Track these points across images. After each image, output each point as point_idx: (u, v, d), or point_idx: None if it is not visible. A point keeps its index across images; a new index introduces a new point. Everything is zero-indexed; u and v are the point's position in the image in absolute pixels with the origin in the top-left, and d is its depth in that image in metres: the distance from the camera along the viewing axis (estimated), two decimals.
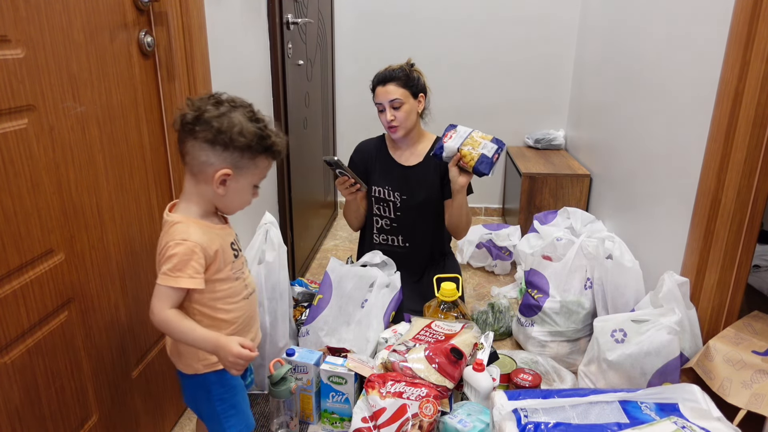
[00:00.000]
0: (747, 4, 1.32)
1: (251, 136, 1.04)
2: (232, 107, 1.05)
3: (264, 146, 1.07)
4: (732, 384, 1.33)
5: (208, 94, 1.07)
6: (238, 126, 1.03)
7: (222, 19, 1.54)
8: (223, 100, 1.06)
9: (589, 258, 1.87)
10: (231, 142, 1.02)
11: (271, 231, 1.68)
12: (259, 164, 1.09)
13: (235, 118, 1.03)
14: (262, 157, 1.08)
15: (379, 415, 1.27)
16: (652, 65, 1.93)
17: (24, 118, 0.92)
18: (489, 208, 3.37)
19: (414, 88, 1.83)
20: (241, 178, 1.07)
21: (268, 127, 1.09)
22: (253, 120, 1.06)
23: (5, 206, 0.89)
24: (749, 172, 1.39)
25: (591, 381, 1.58)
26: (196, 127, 1.02)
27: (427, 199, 1.91)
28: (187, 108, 1.04)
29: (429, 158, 1.89)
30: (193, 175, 1.06)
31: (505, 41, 3.03)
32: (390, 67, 1.84)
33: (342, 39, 3.11)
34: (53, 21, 0.97)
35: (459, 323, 1.59)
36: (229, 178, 1.05)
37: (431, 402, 1.28)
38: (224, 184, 1.05)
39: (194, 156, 1.04)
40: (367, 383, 1.34)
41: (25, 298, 0.95)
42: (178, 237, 1.02)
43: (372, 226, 2.00)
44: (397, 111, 1.81)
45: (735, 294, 1.50)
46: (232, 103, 1.06)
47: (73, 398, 1.09)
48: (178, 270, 1.00)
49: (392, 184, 1.93)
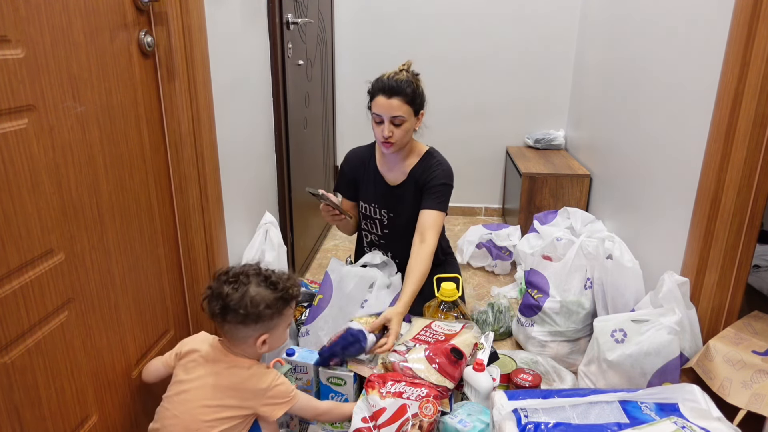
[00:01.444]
0: (747, 4, 1.32)
1: (274, 302, 1.20)
2: (245, 282, 1.19)
3: (286, 301, 1.23)
4: (732, 384, 1.33)
5: (219, 273, 1.23)
6: (262, 302, 1.18)
7: (222, 19, 1.54)
8: (236, 277, 1.20)
9: (589, 258, 1.87)
10: (260, 317, 1.19)
11: (270, 231, 1.68)
12: (285, 313, 1.25)
13: (255, 294, 1.18)
14: (286, 308, 1.25)
15: (379, 415, 1.27)
16: (652, 65, 1.93)
17: (24, 118, 0.92)
18: (489, 208, 3.37)
19: (418, 106, 1.72)
20: (276, 331, 1.25)
21: (281, 283, 1.22)
22: (269, 285, 1.21)
23: (5, 206, 0.89)
24: (749, 172, 1.39)
25: (591, 381, 1.58)
26: (226, 316, 1.18)
27: (411, 218, 1.82)
28: (209, 295, 1.20)
29: (412, 175, 1.82)
30: (235, 344, 1.23)
31: (505, 41, 3.03)
32: (397, 76, 1.68)
33: (342, 39, 3.11)
34: (53, 21, 0.97)
35: (459, 323, 1.60)
36: (268, 337, 1.22)
37: (431, 402, 1.28)
38: (265, 342, 1.22)
39: (233, 334, 1.21)
40: (367, 383, 1.34)
41: (25, 298, 0.95)
42: (263, 376, 1.22)
43: (362, 239, 1.99)
44: (397, 128, 1.69)
45: (735, 294, 1.50)
46: (244, 276, 1.20)
47: (73, 398, 1.09)
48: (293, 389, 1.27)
49: (378, 202, 1.88)
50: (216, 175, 1.51)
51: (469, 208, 3.37)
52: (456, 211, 3.35)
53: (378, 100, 1.69)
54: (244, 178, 1.77)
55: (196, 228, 1.48)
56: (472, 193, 3.32)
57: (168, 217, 1.42)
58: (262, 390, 1.21)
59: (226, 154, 1.58)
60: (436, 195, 1.78)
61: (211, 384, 1.19)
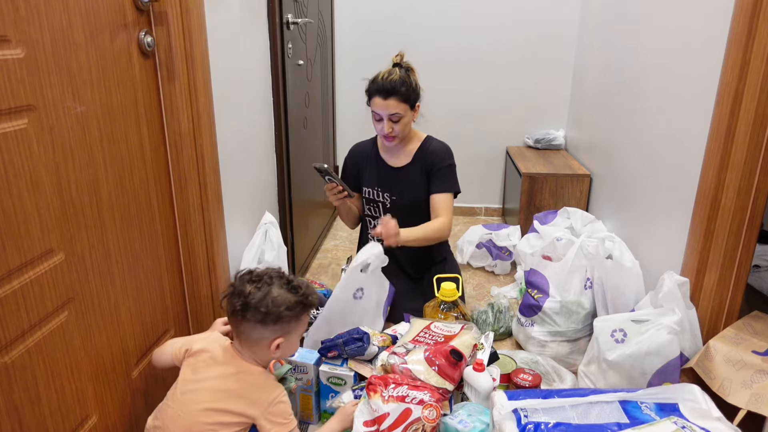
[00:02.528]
0: (747, 4, 1.32)
1: (294, 305, 1.20)
2: (269, 283, 1.20)
3: (305, 307, 1.24)
4: (732, 384, 1.33)
5: (241, 273, 1.24)
6: (284, 303, 1.18)
7: (222, 19, 1.54)
8: (260, 277, 1.21)
9: (589, 258, 1.87)
10: (280, 318, 1.19)
11: (270, 231, 1.68)
12: (302, 319, 1.25)
13: (277, 295, 1.19)
14: (304, 314, 1.25)
15: (383, 420, 1.26)
16: (652, 65, 1.93)
17: (24, 118, 0.92)
18: (489, 208, 3.37)
19: (414, 100, 1.82)
20: (291, 337, 1.24)
21: (302, 288, 1.23)
22: (291, 288, 1.21)
23: (5, 206, 0.89)
24: (749, 172, 1.39)
25: (591, 381, 1.58)
26: (246, 314, 1.17)
27: (415, 200, 1.92)
28: (231, 292, 1.20)
29: (417, 158, 1.91)
30: (249, 346, 1.22)
31: (505, 41, 3.03)
32: (391, 77, 1.77)
33: (342, 39, 3.11)
34: (53, 21, 0.97)
35: (458, 324, 1.59)
36: (282, 341, 1.21)
37: (434, 406, 1.27)
38: (279, 347, 1.21)
39: (249, 334, 1.20)
40: (369, 386, 1.33)
41: (25, 298, 0.95)
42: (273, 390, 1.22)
43: (366, 226, 2.01)
44: (396, 124, 1.80)
45: (735, 294, 1.50)
46: (268, 278, 1.21)
47: (73, 398, 1.09)
48: (290, 414, 1.24)
49: (381, 185, 1.94)
50: (216, 175, 1.51)
51: (469, 208, 3.37)
52: (456, 211, 3.34)
53: (375, 101, 1.80)
54: (244, 178, 1.77)
55: (196, 228, 1.48)
56: (472, 193, 3.32)
57: (168, 217, 1.42)
58: (266, 401, 1.20)
59: (226, 154, 1.58)
60: (443, 177, 1.90)
61: (217, 387, 1.18)
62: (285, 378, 1.39)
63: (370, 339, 1.50)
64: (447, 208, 1.89)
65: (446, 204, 1.89)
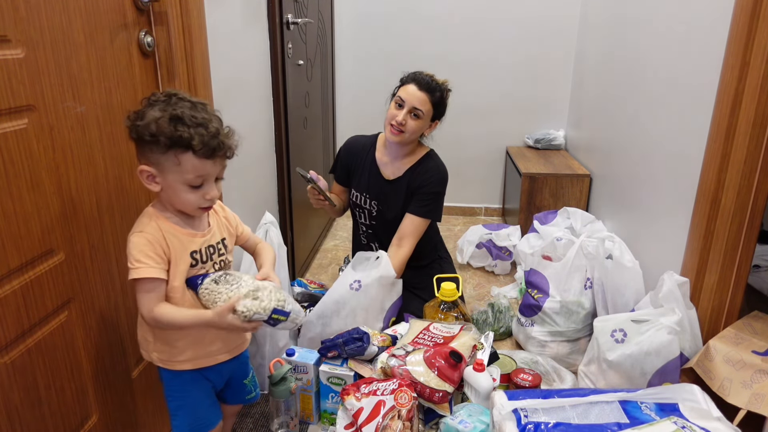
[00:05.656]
0: (747, 4, 1.32)
1: (158, 131, 0.97)
2: (151, 103, 0.99)
3: (173, 140, 0.97)
4: (732, 384, 1.33)
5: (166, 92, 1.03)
6: (151, 123, 0.96)
7: (222, 19, 1.54)
8: (158, 98, 1.01)
9: (589, 258, 1.87)
10: (140, 139, 0.99)
11: (270, 231, 1.68)
12: (182, 161, 0.99)
13: (149, 113, 0.97)
14: (179, 153, 0.99)
15: (358, 416, 1.28)
16: (652, 66, 1.93)
17: (24, 118, 0.92)
18: (489, 208, 3.37)
19: (438, 113, 1.81)
20: (168, 176, 1.01)
21: (184, 121, 0.98)
22: (172, 116, 0.97)
23: (5, 206, 0.89)
24: (749, 172, 1.40)
25: (591, 381, 1.58)
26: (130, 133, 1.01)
27: (399, 215, 1.85)
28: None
29: (407, 174, 1.85)
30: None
31: (506, 41, 3.04)
32: (434, 77, 1.78)
33: (342, 39, 3.11)
34: (53, 21, 0.97)
35: (457, 325, 1.59)
36: (156, 175, 1.01)
37: (404, 391, 1.30)
38: (154, 180, 1.02)
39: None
40: (343, 392, 1.36)
41: (25, 298, 0.94)
42: (135, 228, 1.05)
43: (358, 227, 2.00)
44: (412, 120, 1.75)
45: (735, 294, 1.50)
46: (165, 99, 1.00)
47: (73, 398, 1.09)
48: (137, 261, 1.01)
49: (370, 193, 1.90)
50: None
51: (469, 208, 3.37)
52: (456, 211, 3.35)
53: (408, 87, 1.75)
54: (244, 178, 1.77)
55: None
56: (472, 193, 3.32)
57: None
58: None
59: None
60: (425, 202, 1.82)
61: None
62: (285, 378, 1.39)
63: (370, 339, 1.50)
64: (415, 235, 1.80)
65: (417, 230, 1.80)
